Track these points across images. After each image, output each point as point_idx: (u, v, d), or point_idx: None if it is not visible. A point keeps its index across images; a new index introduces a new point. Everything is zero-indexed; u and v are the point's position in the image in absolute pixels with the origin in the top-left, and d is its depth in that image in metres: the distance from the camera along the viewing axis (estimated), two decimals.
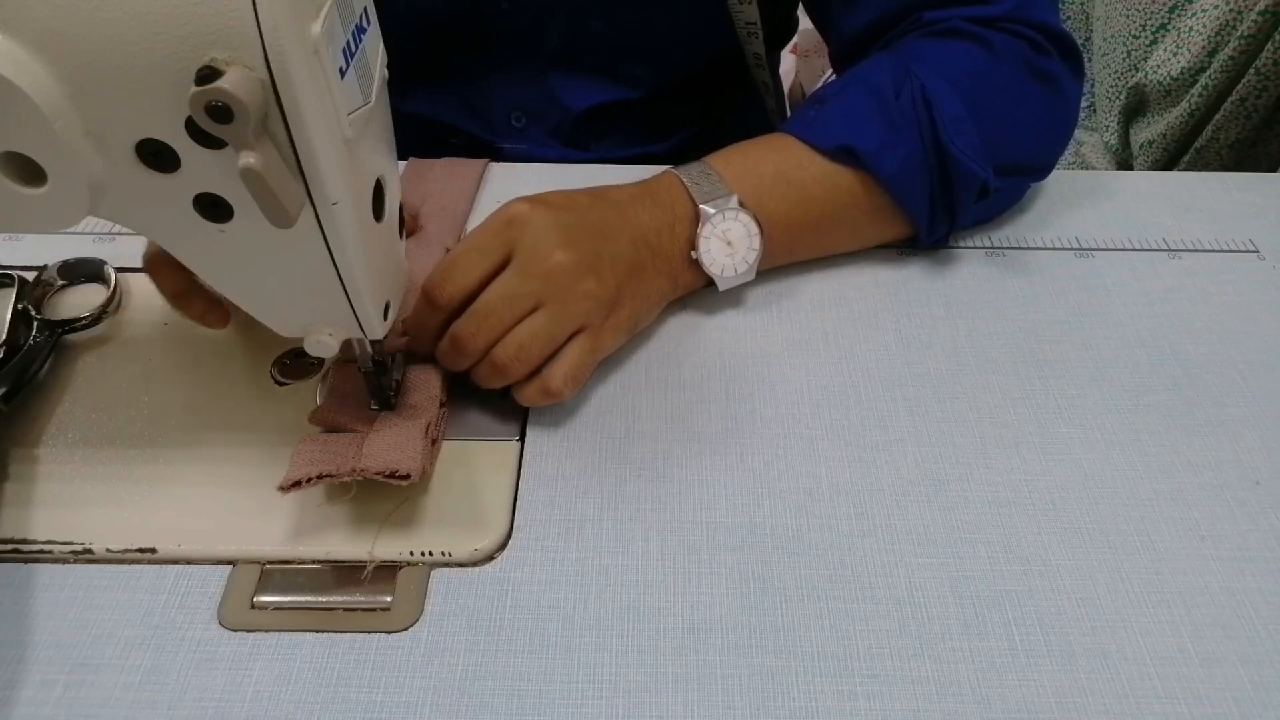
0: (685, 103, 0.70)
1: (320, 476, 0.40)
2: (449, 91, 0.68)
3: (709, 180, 0.50)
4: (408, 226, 0.53)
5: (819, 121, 0.53)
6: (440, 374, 0.46)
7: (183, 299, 0.44)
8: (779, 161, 0.52)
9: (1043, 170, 0.57)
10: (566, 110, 0.67)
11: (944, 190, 0.51)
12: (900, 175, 0.51)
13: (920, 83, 0.51)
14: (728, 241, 0.49)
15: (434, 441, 0.44)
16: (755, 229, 0.50)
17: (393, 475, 0.40)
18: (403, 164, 0.60)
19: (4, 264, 0.52)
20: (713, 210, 0.49)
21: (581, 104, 0.67)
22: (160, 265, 0.44)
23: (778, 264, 0.54)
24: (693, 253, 0.49)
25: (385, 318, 0.41)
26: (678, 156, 0.54)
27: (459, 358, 0.44)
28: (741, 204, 0.49)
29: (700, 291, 0.52)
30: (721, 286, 0.50)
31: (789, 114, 0.85)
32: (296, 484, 0.39)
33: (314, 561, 0.41)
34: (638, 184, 0.50)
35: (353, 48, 0.33)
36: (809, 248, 0.54)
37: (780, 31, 0.73)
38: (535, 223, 0.44)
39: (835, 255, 0.55)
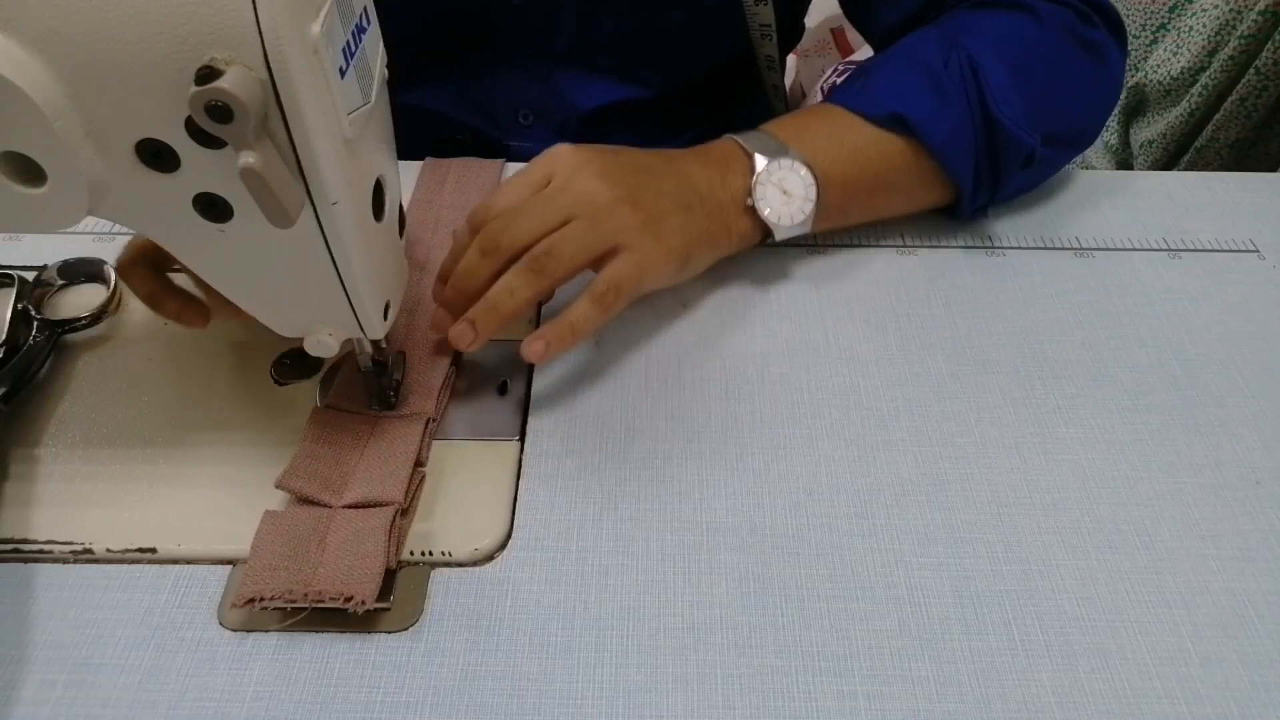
0: (694, 104, 0.70)
1: (275, 597, 0.38)
2: (456, 87, 0.68)
3: (763, 137, 0.51)
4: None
5: (867, 92, 0.53)
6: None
7: (156, 299, 0.45)
8: (831, 125, 0.52)
9: (1086, 140, 0.58)
10: (574, 109, 0.67)
11: (990, 158, 0.52)
12: (949, 143, 0.51)
13: (967, 52, 0.51)
14: (784, 190, 0.50)
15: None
16: (812, 179, 0.50)
17: (348, 600, 0.38)
18: (418, 164, 0.60)
19: (4, 264, 0.52)
20: (768, 159, 0.50)
21: (590, 103, 0.67)
22: (132, 268, 0.45)
23: (832, 225, 0.54)
24: (748, 200, 0.49)
25: (385, 318, 0.41)
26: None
27: (483, 259, 0.44)
28: (795, 155, 0.50)
29: (702, 291, 0.52)
30: (779, 235, 0.50)
31: (790, 109, 0.85)
32: (250, 601, 0.38)
33: None
34: (690, 147, 0.51)
35: (353, 47, 0.33)
36: (862, 209, 0.54)
37: (789, 35, 0.73)
38: (574, 157, 0.47)
39: (885, 219, 0.56)
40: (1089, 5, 0.55)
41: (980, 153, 0.52)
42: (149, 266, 0.45)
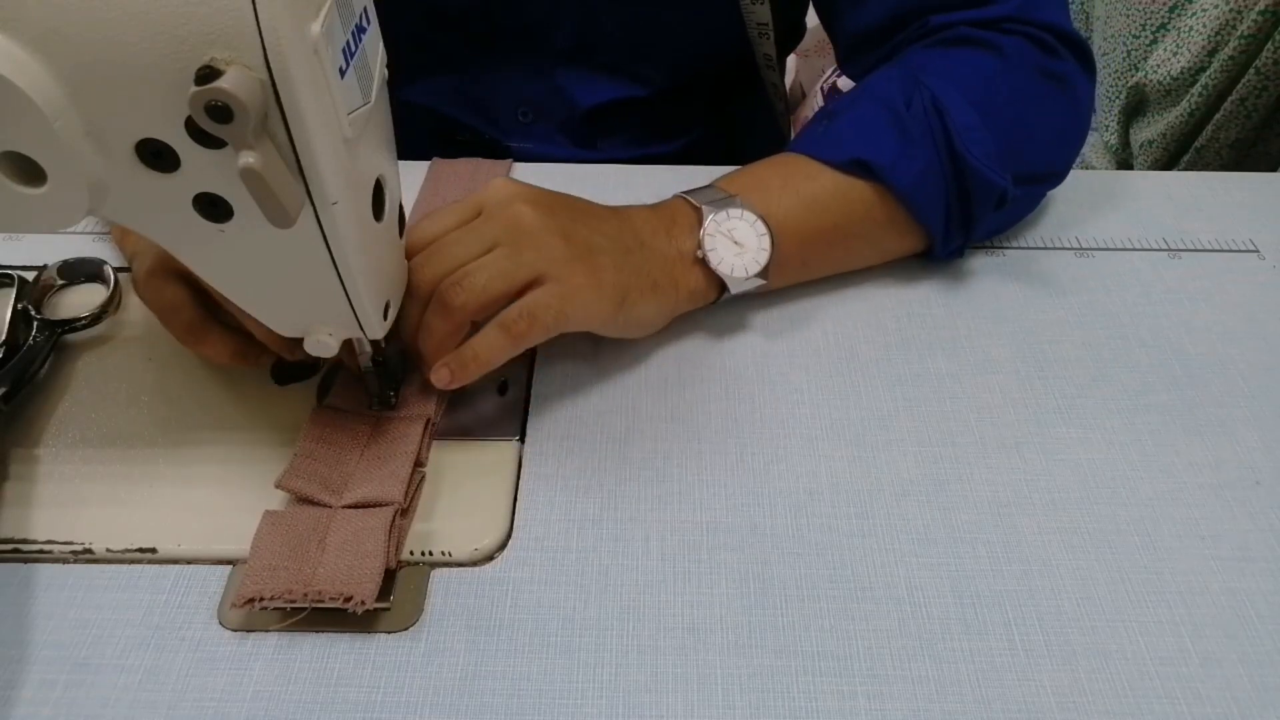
0: (694, 102, 0.70)
1: (275, 597, 0.38)
2: (456, 84, 0.68)
3: (712, 192, 0.49)
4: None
5: (828, 137, 0.51)
6: None
7: (242, 356, 0.45)
8: (786, 174, 0.50)
9: (1058, 176, 0.56)
10: (574, 107, 0.67)
11: (960, 201, 0.50)
12: (916, 187, 0.49)
13: (930, 92, 0.50)
14: (735, 240, 0.47)
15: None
16: (763, 228, 0.48)
17: (348, 600, 0.38)
18: (423, 164, 0.60)
19: (4, 264, 0.52)
20: (714, 209, 0.48)
21: (589, 101, 0.67)
22: (202, 336, 0.44)
23: (794, 279, 0.52)
24: (698, 251, 0.47)
25: (385, 318, 0.41)
26: (686, 157, 0.54)
27: (410, 300, 0.43)
28: (745, 205, 0.48)
29: None
30: (733, 288, 0.48)
31: (790, 109, 0.85)
32: (250, 601, 0.38)
33: None
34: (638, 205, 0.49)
35: (352, 47, 0.33)
36: (824, 260, 0.52)
37: (789, 36, 0.73)
38: (508, 187, 0.45)
39: (853, 269, 0.53)
40: (1054, 35, 0.53)
41: (950, 196, 0.50)
42: (216, 322, 0.44)
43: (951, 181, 0.50)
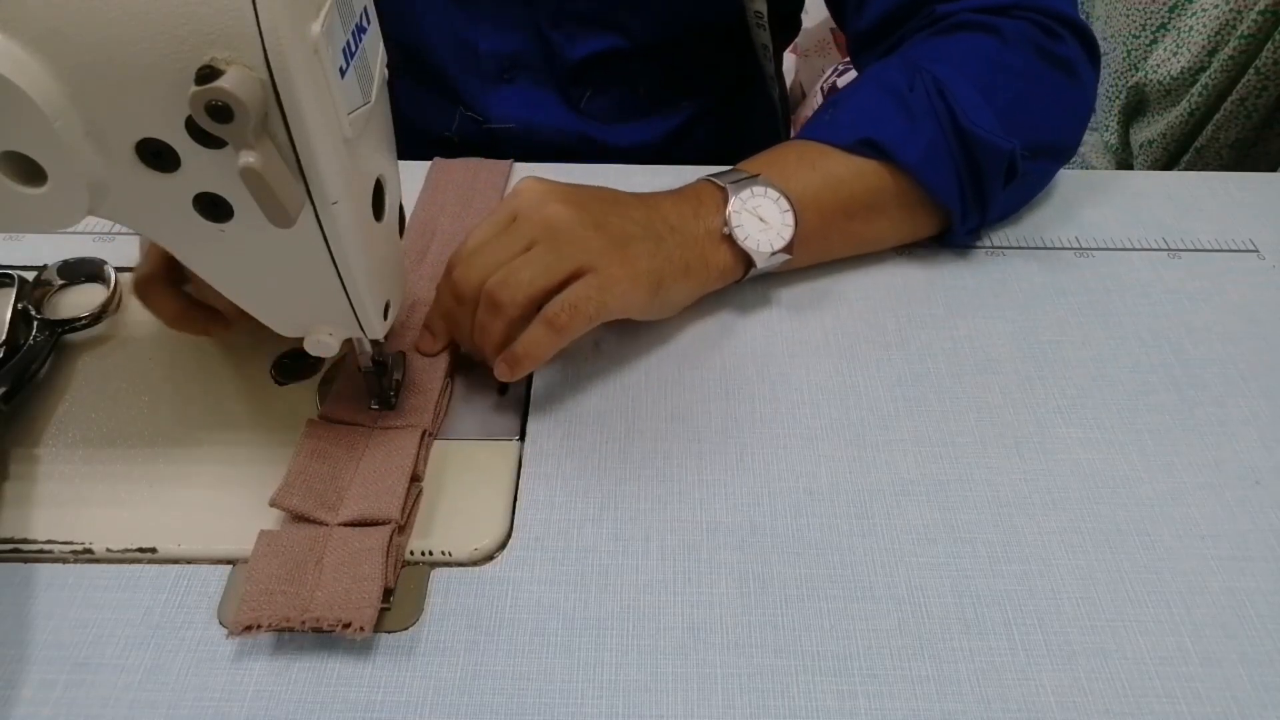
0: (682, 67, 0.70)
1: (271, 626, 0.37)
2: (438, 36, 0.67)
3: (735, 173, 0.51)
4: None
5: (835, 123, 0.53)
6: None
7: (182, 320, 0.45)
8: (801, 155, 0.52)
9: (1066, 152, 0.56)
10: (558, 60, 0.67)
11: (972, 174, 0.51)
12: (925, 163, 0.50)
13: (932, 74, 0.51)
14: (760, 217, 0.49)
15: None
16: (787, 205, 0.49)
17: (346, 627, 0.37)
18: (425, 164, 0.60)
19: (4, 264, 0.52)
20: (738, 188, 0.49)
21: (574, 54, 0.66)
22: (150, 286, 0.44)
23: (816, 256, 0.53)
24: (725, 229, 0.48)
25: (385, 318, 0.41)
26: (680, 138, 0.53)
27: (458, 305, 0.45)
28: (767, 182, 0.49)
29: None
30: (759, 264, 0.49)
31: (790, 109, 0.85)
32: (248, 629, 0.37)
33: None
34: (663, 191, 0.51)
35: (353, 47, 0.33)
36: (844, 235, 0.53)
37: (786, 29, 0.73)
38: (538, 188, 0.46)
39: (873, 252, 0.54)
40: (1058, 21, 0.54)
41: (960, 169, 0.51)
42: (169, 284, 0.44)
43: (959, 155, 0.50)
